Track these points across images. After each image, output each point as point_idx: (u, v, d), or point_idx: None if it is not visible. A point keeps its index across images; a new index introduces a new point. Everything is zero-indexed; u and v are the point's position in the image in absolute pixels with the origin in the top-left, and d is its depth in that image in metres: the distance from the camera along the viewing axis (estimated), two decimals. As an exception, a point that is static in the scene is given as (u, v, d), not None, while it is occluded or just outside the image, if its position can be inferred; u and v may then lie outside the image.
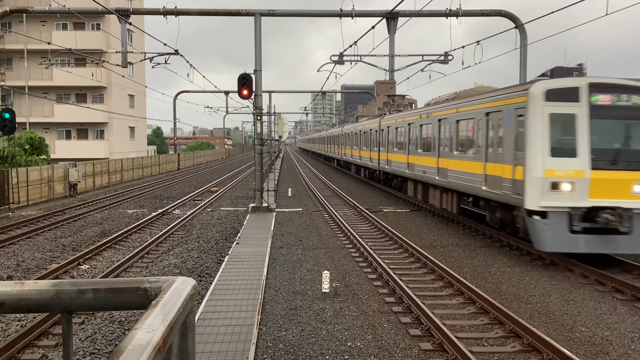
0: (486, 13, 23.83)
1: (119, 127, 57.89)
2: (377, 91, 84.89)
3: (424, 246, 15.83)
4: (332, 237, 17.68)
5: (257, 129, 23.98)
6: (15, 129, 24.50)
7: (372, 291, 11.35)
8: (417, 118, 24.67)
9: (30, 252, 15.78)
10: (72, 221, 21.56)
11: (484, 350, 8.12)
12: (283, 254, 14.94)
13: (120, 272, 13.25)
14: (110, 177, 39.71)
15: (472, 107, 17.92)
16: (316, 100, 76.76)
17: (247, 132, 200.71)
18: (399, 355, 7.97)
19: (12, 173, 26.00)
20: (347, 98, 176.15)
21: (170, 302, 1.35)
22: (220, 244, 16.81)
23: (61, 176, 31.14)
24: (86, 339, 8.84)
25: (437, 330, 8.61)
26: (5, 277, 12.95)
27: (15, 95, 50.30)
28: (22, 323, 9.57)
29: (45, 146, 40.05)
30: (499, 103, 15.76)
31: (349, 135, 46.40)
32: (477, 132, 17.36)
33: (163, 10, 22.98)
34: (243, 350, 7.81)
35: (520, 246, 15.32)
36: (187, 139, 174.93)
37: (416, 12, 21.43)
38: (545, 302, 10.62)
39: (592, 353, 8.08)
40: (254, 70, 23.09)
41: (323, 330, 9.00)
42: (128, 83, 55.63)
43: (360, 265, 13.67)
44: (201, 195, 31.59)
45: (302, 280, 12.13)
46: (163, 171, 55.12)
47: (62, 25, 54.55)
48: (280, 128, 41.19)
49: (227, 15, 24.42)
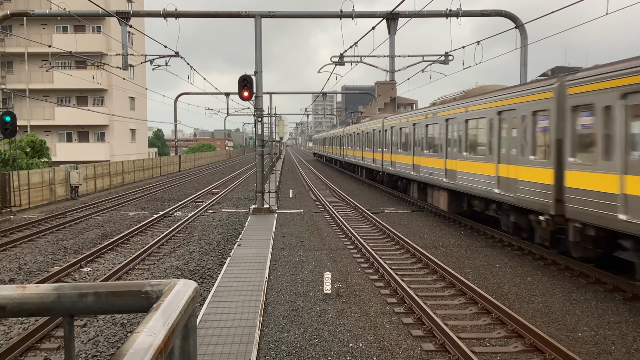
0: (486, 13, 23.85)
1: (119, 129, 57.93)
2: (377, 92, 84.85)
3: (425, 246, 15.82)
4: (333, 238, 17.67)
5: (257, 131, 23.99)
6: (16, 132, 24.56)
7: (373, 292, 11.34)
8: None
9: (32, 255, 15.79)
10: (73, 224, 21.57)
11: (486, 351, 8.11)
12: (285, 256, 14.94)
13: (122, 274, 13.26)
14: (111, 179, 39.74)
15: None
16: (317, 102, 76.78)
17: (248, 133, 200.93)
18: (401, 356, 7.97)
19: (14, 176, 26.03)
20: (348, 99, 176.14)
21: (171, 305, 1.36)
22: (222, 245, 16.81)
23: (62, 179, 31.16)
24: (88, 341, 8.84)
25: (439, 331, 8.60)
26: (7, 280, 12.96)
27: (16, 98, 50.35)
28: (24, 326, 9.58)
29: (46, 149, 40.10)
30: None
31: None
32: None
33: (163, 12, 23.01)
34: (245, 352, 7.81)
35: (522, 246, 15.30)
36: (188, 140, 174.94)
37: (416, 12, 21.44)
38: (547, 302, 10.61)
39: (595, 353, 8.06)
40: (254, 72, 23.11)
41: (325, 331, 8.99)
42: (129, 85, 55.70)
43: (362, 266, 13.67)
44: (202, 197, 31.60)
45: (303, 282, 12.13)
46: (164, 173, 55.13)
47: (63, 28, 54.62)
48: (281, 129, 41.28)
49: (227, 17, 24.47)
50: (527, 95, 14.40)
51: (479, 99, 17.72)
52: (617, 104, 10.74)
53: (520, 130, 14.66)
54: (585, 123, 12.06)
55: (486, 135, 16.88)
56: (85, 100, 56.57)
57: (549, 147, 13.24)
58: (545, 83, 13.58)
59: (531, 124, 14.11)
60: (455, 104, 20.00)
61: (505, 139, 15.76)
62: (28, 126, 51.06)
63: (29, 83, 53.22)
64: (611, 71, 11.06)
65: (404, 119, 27.36)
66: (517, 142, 14.85)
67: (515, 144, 15.03)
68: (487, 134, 16.81)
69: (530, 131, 14.14)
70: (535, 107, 13.92)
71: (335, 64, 26.32)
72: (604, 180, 11.16)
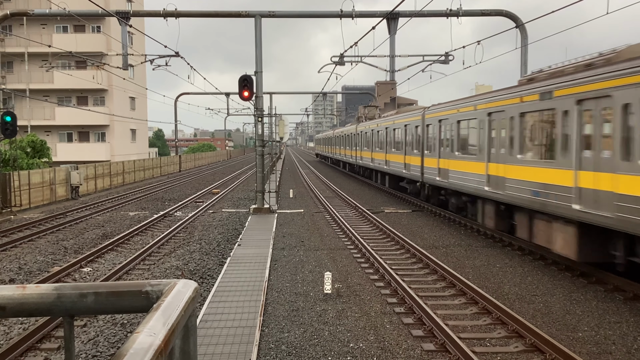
0: (486, 13, 23.85)
1: (120, 129, 57.94)
2: (377, 92, 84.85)
3: (425, 246, 15.82)
4: (333, 238, 17.67)
5: (258, 131, 23.99)
6: (17, 132, 24.57)
7: (374, 292, 11.34)
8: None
9: (33, 255, 15.79)
10: (74, 224, 21.57)
11: (486, 351, 8.10)
12: (285, 256, 14.93)
13: (122, 274, 13.25)
14: (111, 179, 39.74)
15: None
16: (317, 102, 76.81)
17: (248, 133, 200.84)
18: (402, 356, 7.96)
19: (14, 176, 26.04)
20: (348, 99, 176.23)
21: (171, 305, 1.35)
22: (222, 245, 16.81)
23: (63, 179, 31.17)
24: (88, 341, 8.84)
25: (439, 331, 8.60)
26: (8, 280, 12.96)
27: (17, 98, 50.37)
28: (24, 326, 9.58)
29: (46, 149, 40.10)
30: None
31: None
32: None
33: (163, 12, 23.01)
34: (245, 352, 7.80)
35: (522, 246, 15.30)
36: (189, 140, 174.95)
37: (416, 12, 21.44)
38: (548, 302, 10.61)
39: (595, 353, 8.06)
40: (254, 72, 23.12)
41: (325, 331, 8.99)
42: (129, 85, 55.68)
43: (362, 266, 13.67)
44: (203, 197, 31.60)
45: (304, 282, 12.13)
46: (164, 173, 55.14)
47: (63, 28, 54.62)
48: (281, 129, 41.25)
49: (227, 17, 24.48)
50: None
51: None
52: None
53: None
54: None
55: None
56: (85, 101, 56.58)
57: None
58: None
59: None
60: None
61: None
62: (28, 126, 51.05)
63: (29, 83, 53.22)
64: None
65: (469, 106, 18.46)
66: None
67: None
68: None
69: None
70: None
71: (336, 64, 26.32)
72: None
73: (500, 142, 15.80)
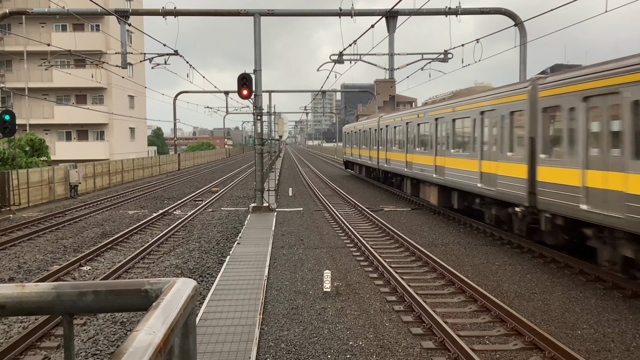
0: (486, 11, 23.84)
1: (119, 128, 57.90)
2: (377, 90, 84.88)
3: (424, 244, 15.82)
4: (333, 237, 17.68)
5: (257, 129, 23.98)
6: (16, 130, 24.54)
7: (373, 290, 11.35)
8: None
9: (32, 253, 15.79)
10: (73, 222, 21.57)
11: (485, 349, 8.12)
12: (284, 254, 14.94)
13: (122, 273, 13.26)
14: (110, 178, 39.73)
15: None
16: (316, 100, 76.81)
17: (248, 132, 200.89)
18: (401, 354, 7.98)
19: (13, 175, 26.02)
20: (347, 97, 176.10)
21: (171, 304, 1.36)
22: (222, 244, 16.81)
23: (62, 178, 31.15)
24: (88, 340, 8.85)
25: (438, 329, 8.61)
26: (7, 279, 12.96)
27: (15, 97, 50.31)
28: (24, 325, 9.58)
29: (45, 148, 40.07)
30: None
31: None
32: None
33: (162, 10, 22.99)
34: (245, 350, 7.81)
35: (522, 244, 15.31)
36: (188, 139, 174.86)
37: (416, 10, 21.42)
38: (547, 299, 10.62)
39: (594, 351, 8.07)
40: (253, 70, 23.10)
41: (325, 329, 9.00)
42: (128, 84, 55.63)
43: (361, 264, 13.67)
44: (202, 195, 31.59)
45: (303, 280, 12.14)
46: (163, 172, 55.12)
47: (62, 26, 54.56)
48: (281, 128, 41.26)
49: (226, 15, 24.44)
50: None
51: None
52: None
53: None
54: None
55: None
56: (84, 99, 56.53)
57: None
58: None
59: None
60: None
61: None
62: (27, 125, 50.98)
63: (28, 82, 53.15)
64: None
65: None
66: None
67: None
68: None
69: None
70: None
71: (335, 62, 26.30)
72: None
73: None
